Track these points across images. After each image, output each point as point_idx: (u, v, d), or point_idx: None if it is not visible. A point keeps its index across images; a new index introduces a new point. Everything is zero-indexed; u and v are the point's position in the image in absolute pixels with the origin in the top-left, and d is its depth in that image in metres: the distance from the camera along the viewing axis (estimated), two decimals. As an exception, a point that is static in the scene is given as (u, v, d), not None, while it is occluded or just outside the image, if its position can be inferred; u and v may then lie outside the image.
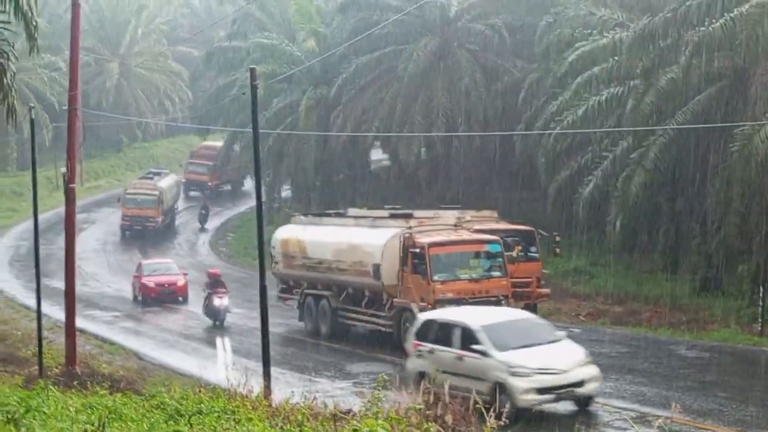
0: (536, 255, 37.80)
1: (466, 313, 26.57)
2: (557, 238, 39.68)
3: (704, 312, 37.23)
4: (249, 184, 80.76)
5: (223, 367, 30.44)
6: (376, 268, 34.57)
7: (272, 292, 40.66)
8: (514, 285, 34.34)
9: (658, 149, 38.73)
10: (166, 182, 74.04)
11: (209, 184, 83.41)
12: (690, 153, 39.24)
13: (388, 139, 59.31)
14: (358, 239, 36.24)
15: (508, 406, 16.76)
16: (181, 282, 49.59)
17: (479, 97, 54.15)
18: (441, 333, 25.27)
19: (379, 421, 10.31)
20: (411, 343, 26.13)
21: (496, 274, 33.58)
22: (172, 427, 13.76)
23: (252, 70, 28.30)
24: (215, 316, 41.63)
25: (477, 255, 33.97)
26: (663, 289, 39.57)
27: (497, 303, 32.04)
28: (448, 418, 16.13)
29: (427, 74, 55.52)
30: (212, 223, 76.02)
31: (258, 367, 25.29)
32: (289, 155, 64.53)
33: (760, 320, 34.40)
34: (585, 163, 43.24)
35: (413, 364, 25.78)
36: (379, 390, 15.46)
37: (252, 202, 78.20)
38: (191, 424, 15.16)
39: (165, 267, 51.45)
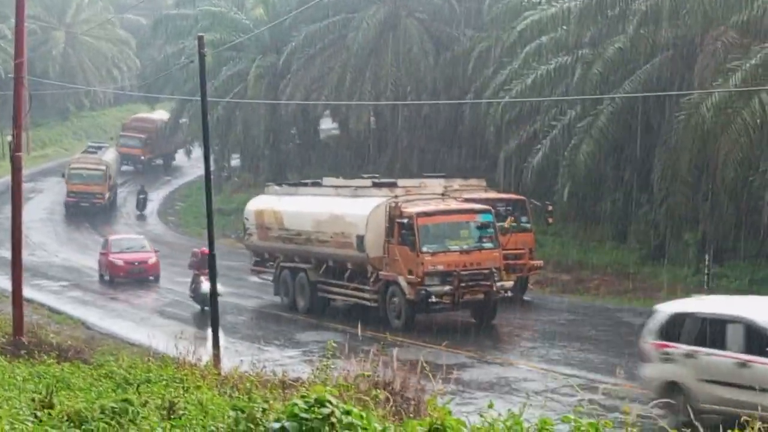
0: (528, 225, 36.70)
1: (742, 304, 20.55)
2: (549, 208, 38.45)
3: (651, 280, 37.56)
4: (181, 157, 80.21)
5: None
6: (360, 239, 33.12)
7: (236, 264, 40.89)
8: (506, 257, 33.11)
9: (606, 118, 38.92)
10: (110, 156, 71.02)
11: (142, 157, 79.84)
12: (637, 122, 39.46)
13: (337, 108, 59.16)
14: (339, 209, 34.76)
15: None
16: (152, 260, 45.35)
17: (428, 66, 54.07)
18: (706, 331, 19.33)
19: (328, 388, 10.31)
20: (649, 342, 20.40)
21: (488, 245, 32.18)
22: (120, 395, 13.69)
23: (200, 38, 28.18)
24: (205, 301, 35.19)
25: (468, 225, 32.52)
26: (611, 258, 39.89)
27: (490, 275, 31.24)
28: (397, 384, 16.22)
29: (376, 43, 55.34)
30: (161, 192, 75.61)
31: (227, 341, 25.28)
32: (238, 124, 64.19)
33: (705, 287, 34.77)
34: (533, 132, 43.39)
35: (658, 370, 20.05)
36: (327, 357, 15.48)
37: (186, 177, 77.92)
38: (139, 393, 15.11)
39: (135, 243, 47.58)
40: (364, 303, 33.57)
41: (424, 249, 31.31)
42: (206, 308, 34.44)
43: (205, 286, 33.64)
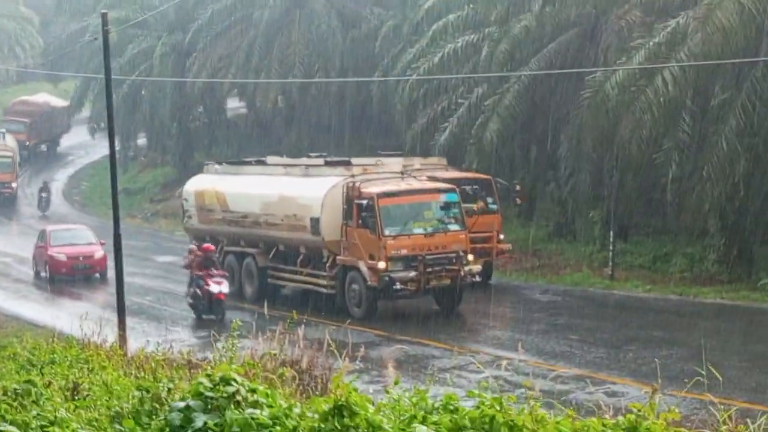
0: (495, 207, 34.99)
1: None
2: (517, 187, 37.30)
3: (558, 257, 37.95)
4: (65, 143, 78.58)
5: None
6: (315, 222, 31.20)
7: (142, 244, 40.23)
8: (473, 240, 31.54)
9: (513, 96, 39.11)
10: (12, 141, 66.89)
11: (27, 143, 74.00)
12: (544, 100, 39.75)
13: (244, 86, 58.83)
14: (291, 190, 32.76)
15: None
16: (98, 254, 40.01)
17: (336, 44, 53.94)
18: None
19: (233, 367, 10.25)
20: None
21: (454, 227, 30.49)
22: (24, 376, 13.51)
23: (104, 15, 27.83)
24: (213, 308, 31.10)
25: (432, 206, 30.76)
26: (518, 235, 40.18)
27: (457, 259, 29.78)
28: (304, 362, 16.21)
29: (283, 21, 55.09)
30: (66, 172, 74.56)
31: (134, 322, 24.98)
32: (144, 103, 63.58)
33: (610, 264, 35.22)
34: (441, 110, 43.45)
35: None
36: (233, 336, 15.42)
37: (92, 156, 76.72)
38: (43, 374, 14.93)
39: (78, 235, 42.10)
40: (320, 290, 31.60)
41: (387, 232, 29.58)
42: (219, 316, 30.47)
43: (215, 288, 30.80)
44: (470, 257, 30.32)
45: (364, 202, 29.89)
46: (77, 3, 69.17)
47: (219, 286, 30.85)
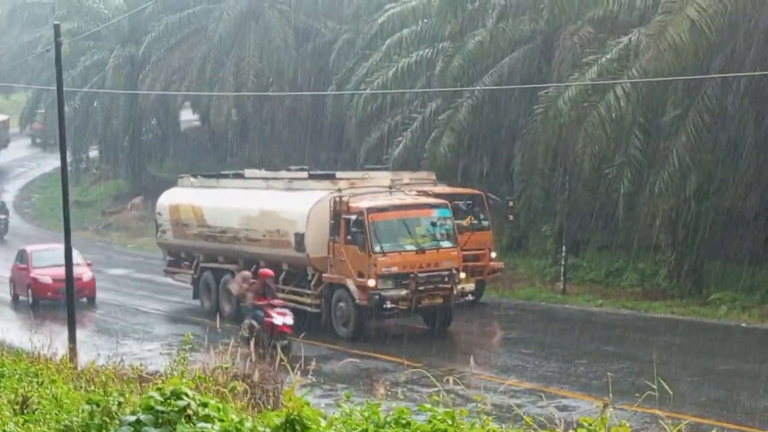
0: (486, 223, 33.68)
1: None
2: (510, 203, 35.74)
3: (510, 271, 38.02)
4: (13, 155, 77.96)
5: None
6: (300, 238, 29.86)
7: (94, 257, 39.78)
8: (465, 258, 30.30)
9: (466, 111, 39.22)
10: None
11: None
12: (497, 115, 39.89)
13: (198, 99, 58.71)
14: (273, 205, 31.43)
15: None
16: (87, 276, 36.11)
17: (290, 57, 53.94)
18: None
19: (184, 380, 10.21)
20: None
21: (446, 244, 29.36)
22: (-29, 391, 13.38)
23: (56, 27, 27.66)
24: (276, 340, 24.09)
25: (423, 222, 29.52)
26: (471, 249, 40.22)
27: (450, 277, 28.64)
28: (255, 376, 16.14)
29: (237, 34, 55.02)
30: (16, 184, 73.99)
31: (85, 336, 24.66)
32: (97, 115, 63.28)
33: (562, 279, 35.40)
34: (395, 124, 43.53)
35: None
36: (185, 350, 15.34)
37: (43, 168, 76.09)
38: (-8, 388, 14.76)
39: (61, 254, 36.64)
40: (304, 308, 29.92)
41: (377, 248, 28.29)
42: (283, 343, 23.65)
43: (278, 320, 26.59)
44: (462, 275, 29.29)
45: (353, 217, 28.66)
46: (30, 14, 68.83)
47: (283, 318, 26.79)
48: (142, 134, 65.13)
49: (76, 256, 34.61)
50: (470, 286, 30.06)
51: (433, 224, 29.58)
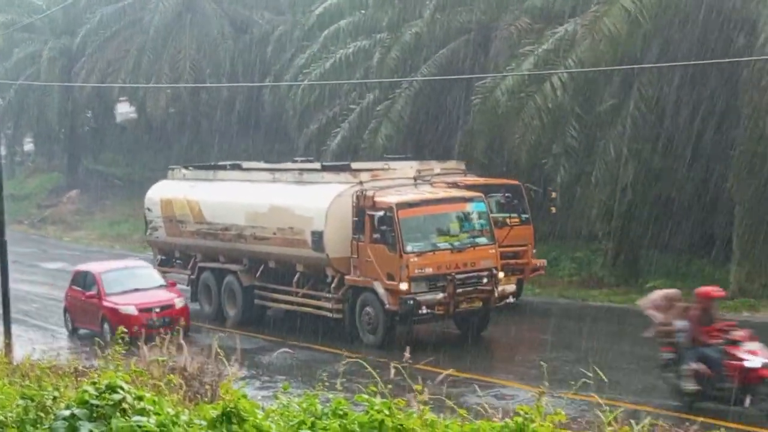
0: (526, 216, 30.71)
1: None
2: (553, 194, 32.27)
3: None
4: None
5: None
6: (318, 236, 27.30)
7: (28, 250, 39.31)
8: (504, 256, 27.70)
9: (404, 102, 39.23)
10: None
11: None
12: (435, 106, 39.90)
13: (135, 91, 58.21)
14: (285, 200, 28.85)
15: None
16: (179, 303, 29.22)
17: (228, 49, 53.70)
18: None
19: (120, 374, 10.12)
20: None
21: (483, 241, 26.65)
22: None
23: (-12, 18, 27.24)
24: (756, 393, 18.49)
25: (457, 217, 26.87)
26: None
27: (489, 278, 26.22)
28: (192, 369, 16.06)
29: (174, 26, 54.69)
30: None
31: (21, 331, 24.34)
32: (32, 107, 62.61)
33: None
34: (333, 115, 43.44)
35: None
36: (119, 344, 15.22)
37: None
38: (-76, 384, 14.57)
39: (138, 275, 30.52)
40: (322, 313, 27.99)
41: (408, 248, 25.69)
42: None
43: (754, 361, 18.48)
44: (501, 275, 26.77)
45: (380, 213, 25.98)
46: (-39, 6, 67.91)
47: (760, 357, 18.73)
48: (78, 127, 64.53)
49: (155, 275, 30.63)
50: (510, 287, 27.65)
51: (468, 219, 27.00)
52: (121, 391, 9.33)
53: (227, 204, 30.85)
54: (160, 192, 34.11)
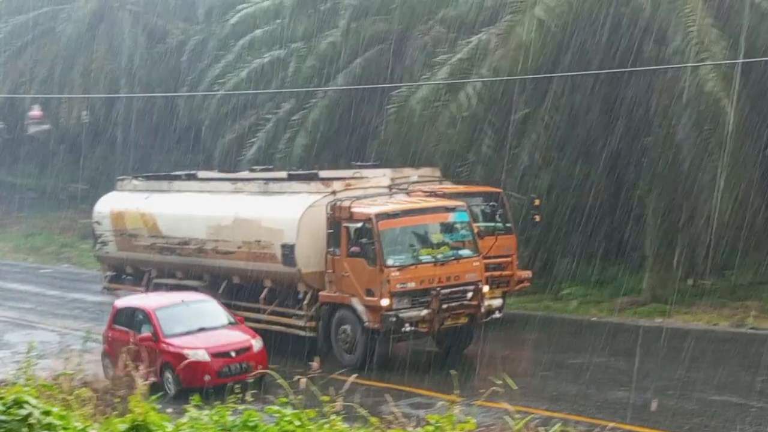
0: (509, 226, 29.22)
1: None
2: (536, 201, 30.72)
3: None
4: None
5: None
6: (289, 250, 25.68)
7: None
8: (487, 268, 26.20)
9: (320, 111, 39.24)
10: None
11: None
12: (351, 115, 39.91)
13: (48, 101, 57.48)
14: (250, 211, 27.13)
15: None
16: (256, 345, 23.98)
17: (142, 59, 53.31)
18: None
19: (26, 388, 9.99)
20: None
21: (466, 252, 25.34)
22: None
23: None
24: None
25: (439, 228, 25.42)
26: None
27: (475, 293, 24.86)
28: (106, 383, 15.91)
29: (87, 36, 54.17)
30: None
31: None
32: (-60, 119, 61.60)
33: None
34: (249, 125, 43.28)
35: None
36: (32, 357, 15.02)
37: None
38: None
39: (200, 312, 25.15)
40: (294, 332, 26.17)
41: (390, 262, 24.21)
42: None
43: None
44: (485, 288, 25.50)
45: (358, 225, 24.58)
46: None
47: None
48: (-11, 138, 63.59)
49: (220, 311, 25.20)
50: (497, 302, 26.15)
51: (451, 230, 25.57)
52: (27, 407, 9.21)
53: (186, 216, 29.04)
54: (110, 204, 32.14)
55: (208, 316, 24.74)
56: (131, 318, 24.92)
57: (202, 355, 23.09)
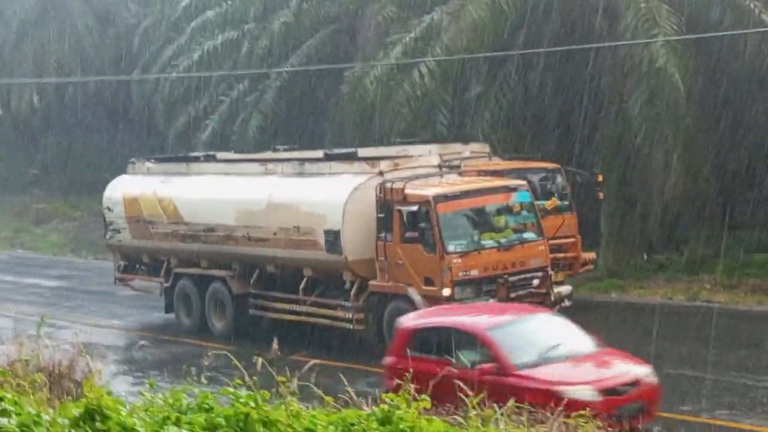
0: (569, 204, 26.79)
1: None
2: (600, 178, 27.95)
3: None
4: None
5: None
6: (333, 236, 23.71)
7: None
8: (551, 250, 24.12)
9: (274, 93, 39.16)
10: None
11: None
12: (305, 96, 39.85)
13: (-2, 87, 57.11)
14: (288, 195, 25.08)
15: None
16: (649, 377, 16.83)
17: (93, 42, 53.01)
18: None
19: (-21, 375, 9.93)
20: None
21: (530, 236, 23.34)
22: None
23: None
24: None
25: (501, 210, 23.44)
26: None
27: (543, 279, 22.95)
28: (62, 368, 15.82)
29: (37, 20, 53.75)
30: None
31: None
32: None
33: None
34: (203, 108, 43.12)
35: None
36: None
37: None
38: None
39: (553, 331, 17.83)
40: (339, 324, 24.41)
41: (451, 248, 22.29)
42: None
43: None
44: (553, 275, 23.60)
45: (414, 208, 22.65)
46: None
47: None
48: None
49: (578, 333, 17.78)
50: (567, 288, 24.38)
51: (514, 212, 23.55)
52: (-21, 393, 9.15)
53: (211, 201, 26.96)
54: (122, 189, 29.73)
55: (567, 339, 17.56)
56: (444, 343, 17.58)
57: (589, 394, 15.81)
